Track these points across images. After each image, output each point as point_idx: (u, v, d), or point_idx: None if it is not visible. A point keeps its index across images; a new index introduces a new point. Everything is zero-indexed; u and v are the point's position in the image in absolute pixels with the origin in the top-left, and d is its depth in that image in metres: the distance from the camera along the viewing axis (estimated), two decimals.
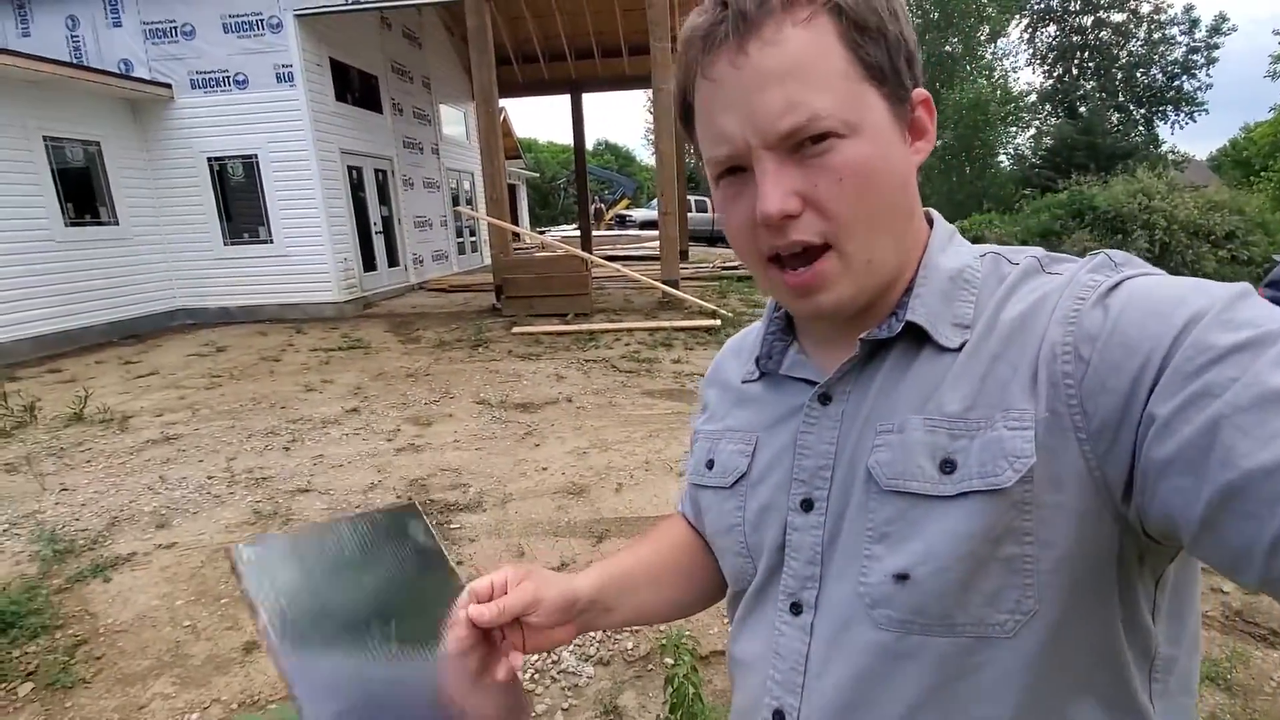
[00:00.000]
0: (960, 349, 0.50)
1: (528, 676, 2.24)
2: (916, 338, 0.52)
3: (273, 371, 6.49)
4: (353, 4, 8.57)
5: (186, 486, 3.78)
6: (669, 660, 2.13)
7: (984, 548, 0.45)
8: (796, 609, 0.55)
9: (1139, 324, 0.42)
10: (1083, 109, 27.21)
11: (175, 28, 8.70)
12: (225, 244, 9.33)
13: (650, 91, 10.71)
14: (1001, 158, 23.60)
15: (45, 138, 7.68)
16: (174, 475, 3.94)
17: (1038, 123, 28.46)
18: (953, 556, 0.46)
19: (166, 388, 6.00)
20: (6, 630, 2.51)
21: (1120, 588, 0.45)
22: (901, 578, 0.48)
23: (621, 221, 28.31)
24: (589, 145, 16.47)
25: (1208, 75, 31.74)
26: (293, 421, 4.88)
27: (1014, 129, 23.19)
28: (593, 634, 2.41)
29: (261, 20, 8.61)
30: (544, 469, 3.90)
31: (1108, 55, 31.58)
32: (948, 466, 0.47)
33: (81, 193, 8.22)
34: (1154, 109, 31.86)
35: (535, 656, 2.32)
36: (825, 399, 0.56)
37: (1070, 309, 0.46)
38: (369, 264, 10.65)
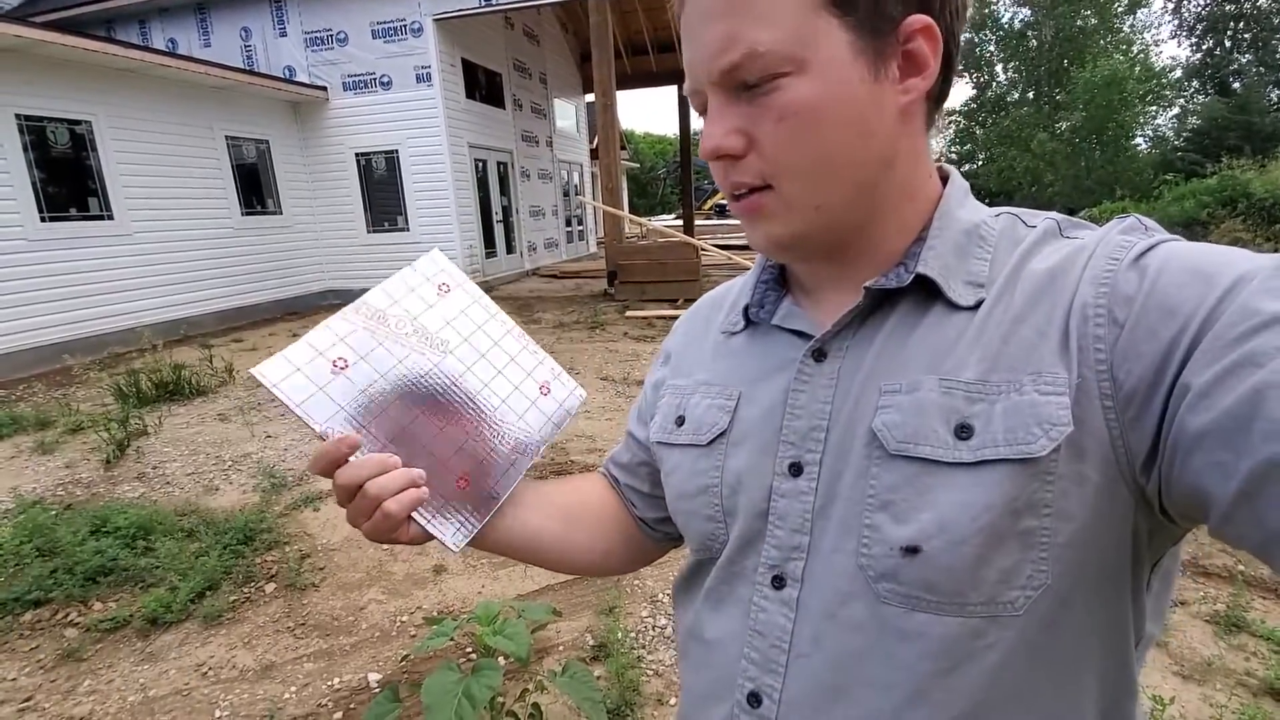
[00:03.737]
0: (975, 308, 0.47)
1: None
2: (925, 293, 0.48)
3: None
4: (484, 6, 9.19)
5: None
6: None
7: (1003, 520, 0.41)
8: (779, 582, 0.50)
9: (1179, 286, 0.39)
10: (1237, 85, 24.46)
11: (331, 35, 9.66)
12: (367, 231, 10.29)
13: None
14: (1138, 140, 21.68)
15: (227, 137, 8.78)
16: None
17: (1182, 101, 25.93)
18: (970, 529, 0.42)
19: None
20: (249, 541, 3.10)
21: (1132, 564, 0.43)
22: (911, 550, 0.44)
23: (720, 211, 28.22)
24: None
25: None
26: None
27: (1154, 108, 21.13)
28: None
29: (405, 25, 9.40)
30: None
31: (1267, 25, 28.15)
32: (964, 432, 0.43)
33: (253, 185, 9.32)
34: None
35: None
36: (820, 355, 0.52)
37: (1103, 269, 0.43)
38: (489, 250, 11.42)
